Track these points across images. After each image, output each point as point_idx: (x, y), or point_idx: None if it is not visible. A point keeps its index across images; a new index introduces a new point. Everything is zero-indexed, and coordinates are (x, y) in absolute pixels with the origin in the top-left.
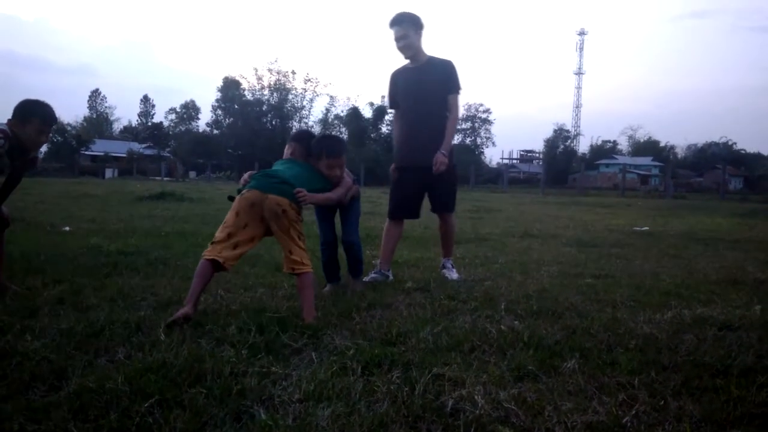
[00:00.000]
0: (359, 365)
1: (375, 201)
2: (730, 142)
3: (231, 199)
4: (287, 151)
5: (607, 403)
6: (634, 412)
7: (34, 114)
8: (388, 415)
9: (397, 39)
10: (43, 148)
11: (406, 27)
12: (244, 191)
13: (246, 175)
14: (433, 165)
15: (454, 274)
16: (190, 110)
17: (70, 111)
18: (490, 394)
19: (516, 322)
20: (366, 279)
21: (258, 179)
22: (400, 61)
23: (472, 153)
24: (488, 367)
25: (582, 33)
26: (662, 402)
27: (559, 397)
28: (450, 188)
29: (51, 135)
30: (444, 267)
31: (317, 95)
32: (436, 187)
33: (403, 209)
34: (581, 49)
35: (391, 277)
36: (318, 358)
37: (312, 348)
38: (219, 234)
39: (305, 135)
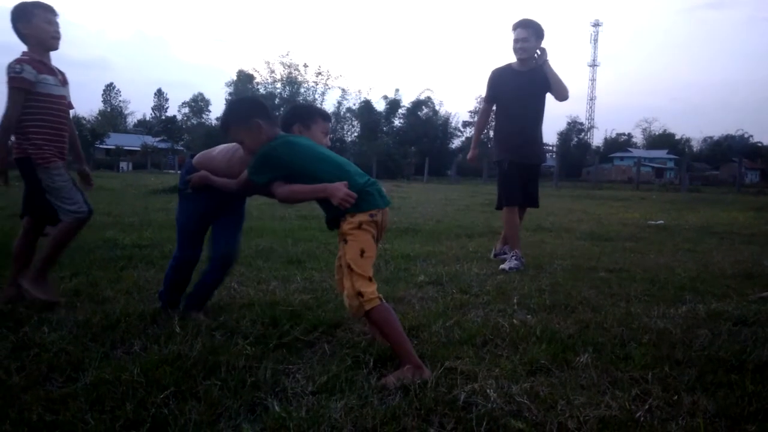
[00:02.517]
0: (372, 358)
1: (387, 193)
2: (746, 135)
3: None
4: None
5: (621, 397)
6: (647, 406)
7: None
8: (400, 408)
9: (519, 40)
10: None
11: (531, 32)
12: (380, 209)
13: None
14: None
15: (512, 264)
16: (199, 103)
17: (85, 105)
18: (503, 388)
19: (529, 316)
20: (506, 267)
21: (379, 189)
22: (411, 58)
23: (484, 146)
24: (501, 361)
25: (596, 24)
26: (676, 397)
27: (571, 391)
28: (537, 184)
29: None
30: (504, 252)
31: (329, 88)
32: (531, 183)
33: (519, 197)
34: (596, 40)
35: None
36: (331, 351)
37: (325, 341)
38: (370, 270)
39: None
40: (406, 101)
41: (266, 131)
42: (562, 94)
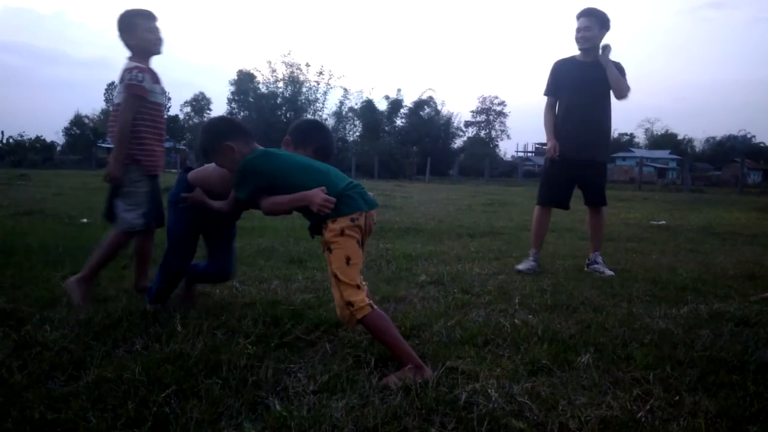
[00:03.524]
0: (373, 358)
1: (389, 194)
2: (749, 135)
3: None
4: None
5: (622, 398)
6: (648, 407)
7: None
8: (401, 408)
9: (581, 29)
10: (61, 141)
11: (594, 21)
12: (362, 212)
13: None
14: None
15: (606, 271)
16: (200, 102)
17: (88, 104)
18: (504, 388)
19: (530, 316)
20: (522, 267)
21: (362, 191)
22: (418, 57)
23: (486, 146)
24: (502, 361)
25: None
26: (677, 397)
27: (573, 391)
28: (603, 182)
29: (69, 127)
30: (595, 262)
31: (331, 88)
32: (591, 180)
33: (556, 198)
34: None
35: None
36: (332, 350)
37: (326, 340)
38: (358, 277)
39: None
40: (408, 101)
41: (240, 150)
42: (621, 94)
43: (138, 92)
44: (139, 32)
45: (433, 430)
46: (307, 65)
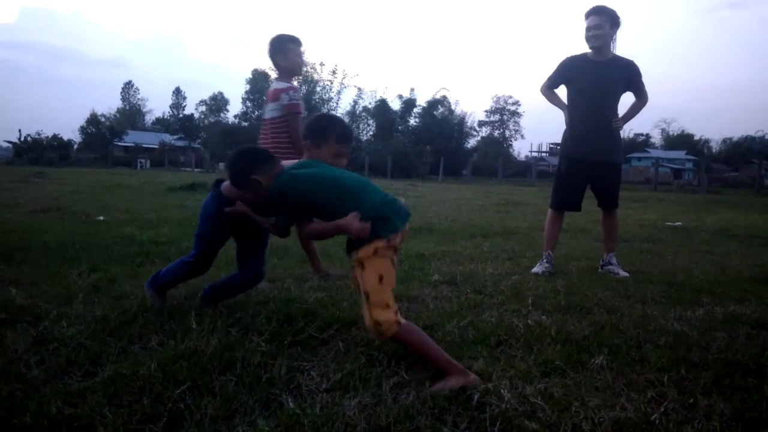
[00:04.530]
0: (386, 357)
1: (402, 194)
2: (766, 136)
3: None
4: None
5: (636, 399)
6: (662, 409)
7: None
8: (414, 407)
9: (591, 28)
10: (77, 139)
11: (605, 19)
12: (398, 231)
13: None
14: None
15: (621, 272)
16: (218, 102)
17: (104, 103)
18: (517, 389)
19: (543, 317)
20: (537, 270)
21: (396, 207)
22: (432, 56)
23: (500, 146)
24: (515, 362)
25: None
26: (692, 400)
27: (586, 392)
28: (617, 183)
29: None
30: (609, 263)
31: (345, 87)
32: (602, 181)
33: (568, 202)
34: (614, 40)
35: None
36: (345, 348)
37: (339, 339)
38: (388, 297)
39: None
40: (422, 100)
41: (267, 181)
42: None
43: (299, 110)
44: (290, 55)
45: (445, 430)
46: (321, 64)
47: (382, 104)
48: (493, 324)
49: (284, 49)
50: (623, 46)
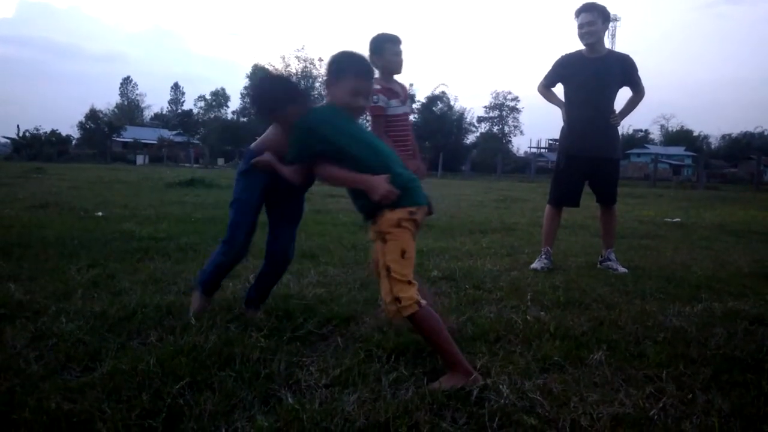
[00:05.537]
0: (385, 352)
1: None
2: (765, 132)
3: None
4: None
5: (634, 395)
6: (661, 405)
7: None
8: (413, 402)
9: (583, 25)
10: (76, 134)
11: (597, 15)
12: (420, 206)
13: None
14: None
15: (619, 268)
16: (219, 98)
17: (103, 98)
18: (515, 384)
19: (542, 313)
20: (536, 266)
21: (419, 185)
22: (431, 52)
23: (499, 142)
24: (514, 357)
25: (614, 19)
26: (690, 395)
27: (585, 388)
28: (615, 179)
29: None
30: (608, 259)
31: None
32: (601, 177)
33: (567, 198)
34: (613, 35)
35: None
36: (344, 344)
37: (338, 334)
38: (410, 272)
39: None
40: (421, 96)
41: (297, 116)
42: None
43: (375, 112)
44: (386, 55)
45: (444, 425)
46: (320, 60)
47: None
48: (492, 320)
49: (381, 48)
50: (624, 40)
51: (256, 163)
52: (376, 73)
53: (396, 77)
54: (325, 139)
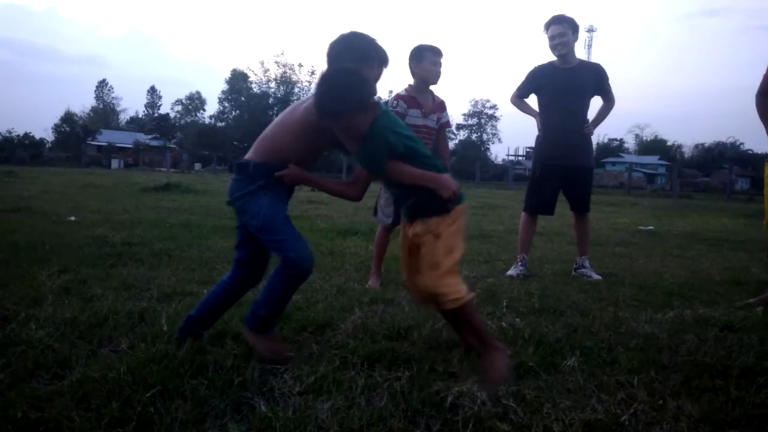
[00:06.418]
0: (360, 360)
1: None
2: (738, 142)
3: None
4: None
5: (606, 401)
6: (632, 410)
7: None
8: (387, 410)
9: (555, 37)
10: (50, 137)
11: (567, 26)
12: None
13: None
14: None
15: (594, 275)
16: (195, 101)
17: (78, 101)
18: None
19: (517, 320)
20: (512, 273)
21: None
22: (405, 59)
23: (477, 149)
24: None
25: (590, 30)
26: (661, 401)
27: (558, 394)
28: (588, 187)
29: (59, 124)
30: (582, 266)
31: None
32: (575, 186)
33: (542, 205)
34: (589, 46)
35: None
36: (319, 351)
37: (313, 341)
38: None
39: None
40: None
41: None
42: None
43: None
44: (424, 64)
45: None
46: (300, 65)
47: None
48: None
49: (420, 56)
50: (601, 50)
51: (283, 177)
52: (411, 81)
53: (433, 89)
54: (402, 143)
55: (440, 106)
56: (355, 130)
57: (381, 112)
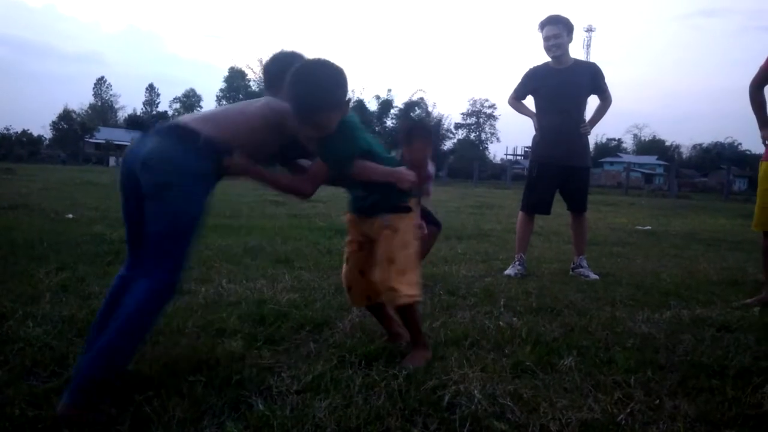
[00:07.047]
0: (357, 358)
1: None
2: (735, 143)
3: None
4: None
5: (603, 400)
6: (629, 410)
7: None
8: (384, 408)
9: (550, 38)
10: (48, 135)
11: (562, 27)
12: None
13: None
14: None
15: (591, 275)
16: (191, 98)
17: (76, 98)
18: (487, 390)
19: (515, 319)
20: (510, 272)
21: None
22: (409, 58)
23: (476, 148)
24: (486, 363)
25: (589, 30)
26: (657, 401)
27: (554, 393)
28: (585, 187)
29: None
30: (580, 266)
31: None
32: (572, 185)
33: (539, 205)
34: (588, 45)
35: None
36: (317, 350)
37: (311, 340)
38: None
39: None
40: (399, 102)
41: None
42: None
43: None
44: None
45: (415, 431)
46: None
47: (359, 105)
48: (466, 325)
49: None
50: (599, 50)
51: (231, 166)
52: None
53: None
54: (366, 141)
55: None
56: (327, 129)
57: (352, 115)
